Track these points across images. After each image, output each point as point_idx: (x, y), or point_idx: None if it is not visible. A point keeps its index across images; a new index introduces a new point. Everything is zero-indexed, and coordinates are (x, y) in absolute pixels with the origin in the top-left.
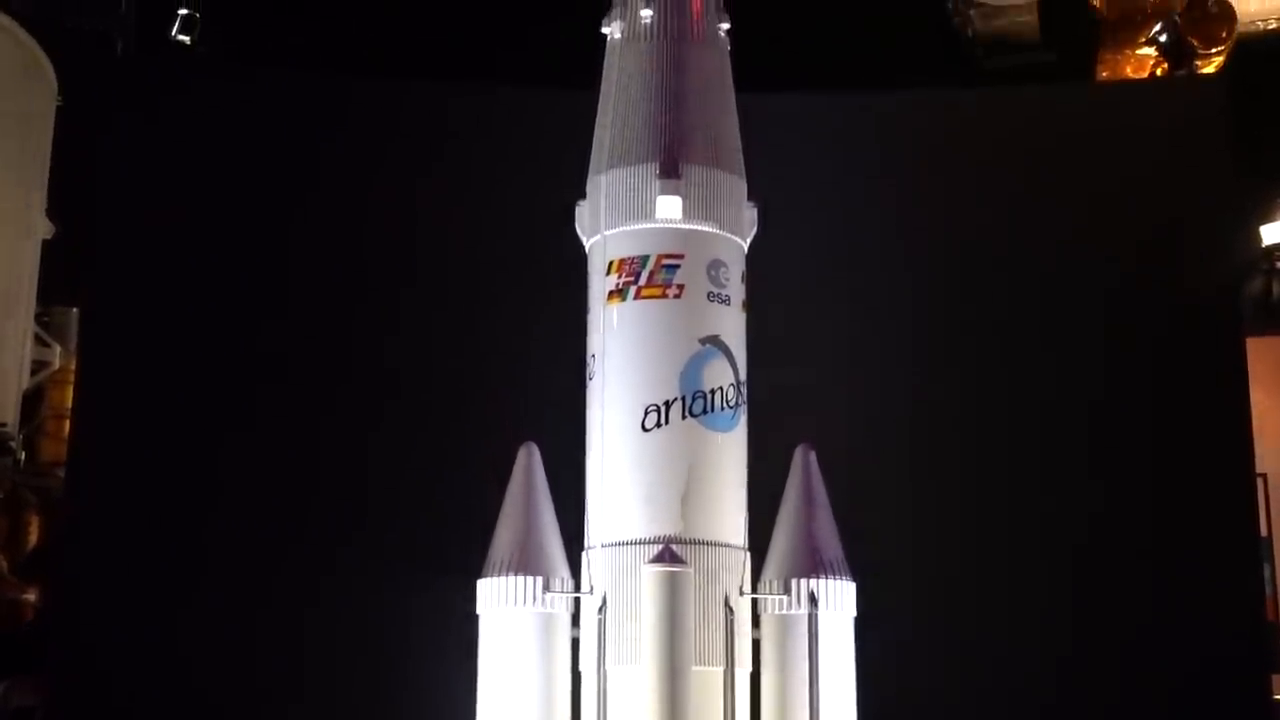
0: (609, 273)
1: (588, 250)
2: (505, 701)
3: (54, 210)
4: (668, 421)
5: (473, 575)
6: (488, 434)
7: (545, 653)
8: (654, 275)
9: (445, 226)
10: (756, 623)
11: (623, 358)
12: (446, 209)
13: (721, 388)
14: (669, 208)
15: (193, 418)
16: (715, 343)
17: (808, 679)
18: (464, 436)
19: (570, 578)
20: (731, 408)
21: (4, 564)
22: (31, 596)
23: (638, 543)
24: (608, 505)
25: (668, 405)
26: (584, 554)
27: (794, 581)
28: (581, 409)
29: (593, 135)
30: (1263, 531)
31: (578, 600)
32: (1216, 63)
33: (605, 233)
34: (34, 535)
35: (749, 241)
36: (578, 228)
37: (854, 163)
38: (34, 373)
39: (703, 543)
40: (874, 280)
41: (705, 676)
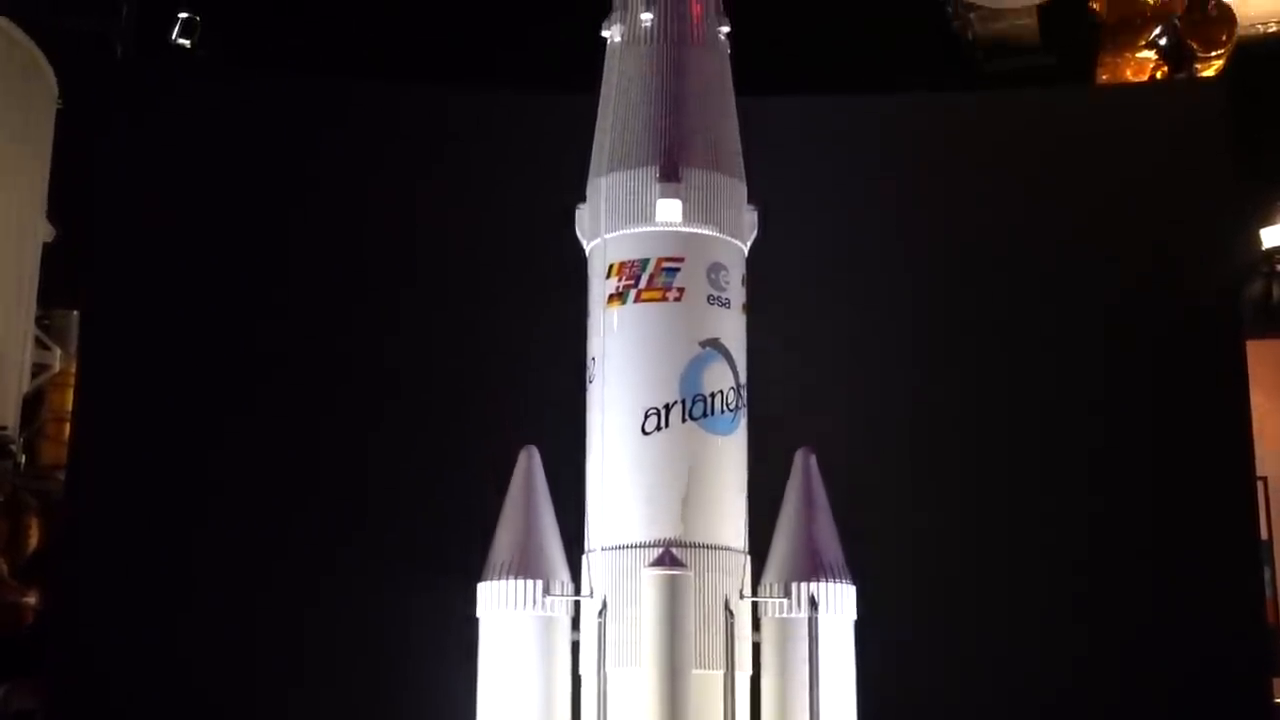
0: (609, 276)
1: (588, 253)
2: (505, 704)
3: (54, 213)
4: (668, 425)
5: (473, 578)
6: (488, 437)
7: (545, 656)
8: (654, 278)
9: (445, 229)
10: (757, 626)
11: (623, 361)
12: (446, 212)
13: (722, 391)
14: (669, 211)
15: (193, 420)
16: (715, 346)
17: (808, 682)
18: (464, 439)
19: (570, 581)
20: (732, 411)
21: (4, 567)
22: (31, 599)
23: (638, 546)
24: (608, 508)
25: (668, 408)
26: (584, 557)
27: (794, 585)
28: (582, 412)
29: (593, 138)
30: (1263, 535)
31: (578, 603)
32: (1216, 66)
33: (605, 236)
34: (34, 538)
35: (749, 245)
36: (578, 231)
37: (854, 165)
38: (34, 376)
39: (703, 546)
40: (874, 283)
41: (705, 680)
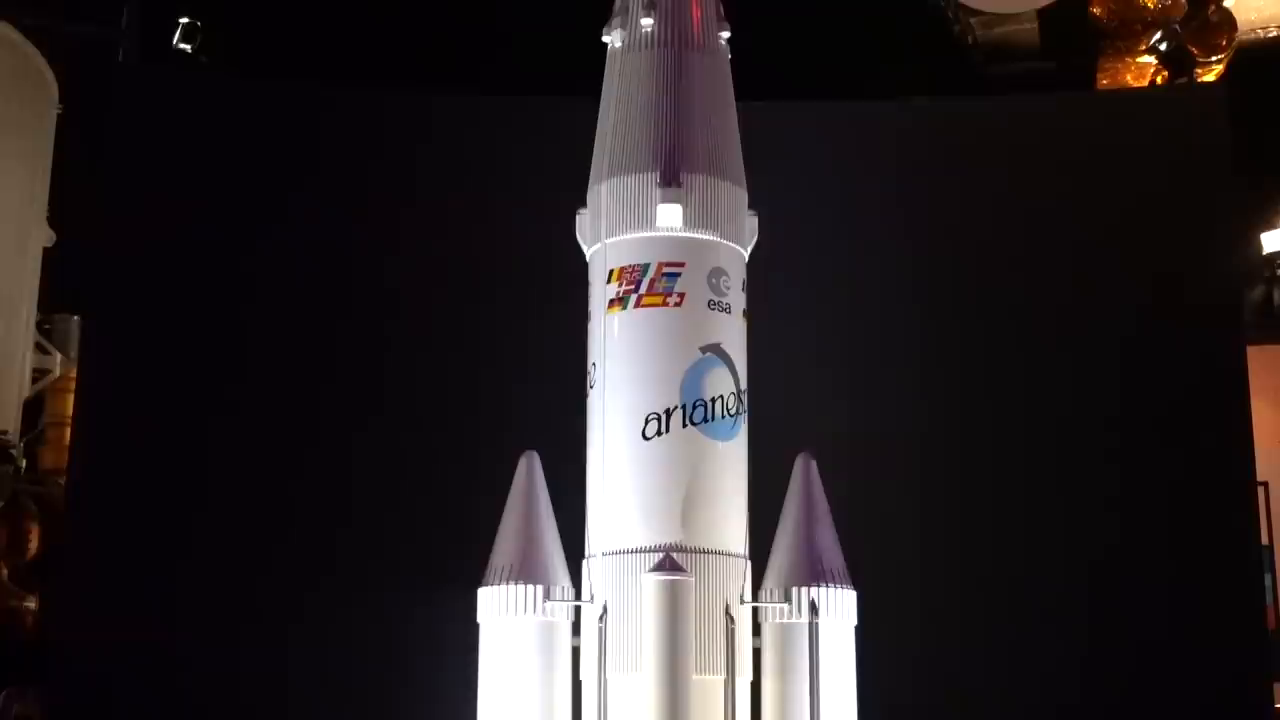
0: (609, 281)
1: (588, 258)
2: (506, 710)
3: (54, 217)
4: (668, 430)
5: (473, 584)
6: (488, 442)
7: (546, 661)
8: (654, 283)
9: (446, 234)
10: (757, 631)
11: (623, 366)
12: (447, 216)
13: (722, 396)
14: (670, 216)
15: (193, 426)
16: (716, 351)
17: (809, 687)
18: (465, 444)
19: (571, 586)
20: (732, 416)
21: (4, 572)
22: (31, 604)
23: (638, 551)
24: (608, 514)
25: (668, 414)
26: (584, 562)
27: (795, 590)
28: (582, 417)
29: (594, 143)
30: (1264, 540)
31: (578, 609)
32: (1216, 71)
33: (606, 241)
34: (34, 543)
35: (750, 250)
36: (578, 236)
37: (854, 170)
38: (35, 380)
39: (703, 551)
40: (876, 288)
41: (706, 685)
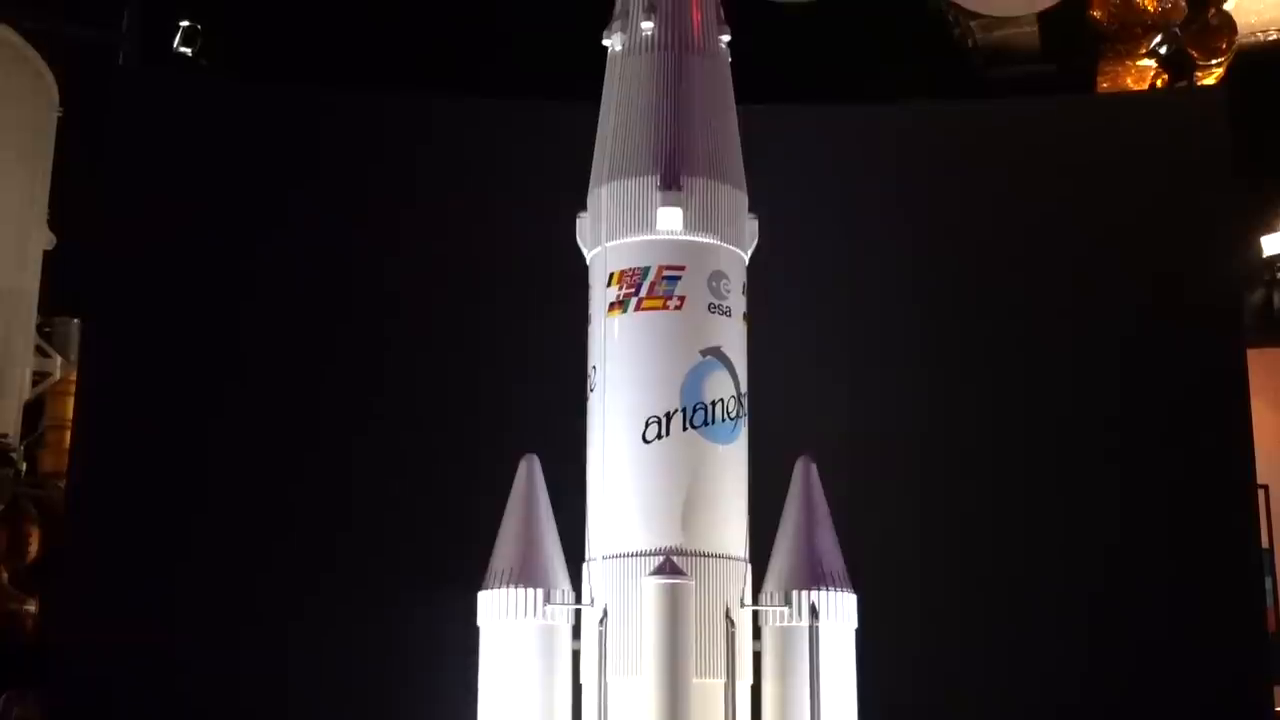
0: (610, 284)
1: (588, 261)
2: (506, 713)
3: (54, 220)
4: (668, 433)
5: (472, 585)
6: (488, 445)
7: (546, 664)
8: (655, 287)
9: (447, 237)
10: (758, 634)
11: (623, 369)
12: (448, 220)
13: (722, 399)
14: (670, 219)
15: (193, 429)
16: (716, 354)
17: (809, 691)
18: (465, 447)
19: (571, 590)
20: (732, 419)
21: (4, 575)
22: (31, 608)
23: (639, 554)
24: (608, 517)
25: (668, 417)
26: (585, 566)
27: (795, 593)
28: (582, 420)
29: (594, 146)
30: (1264, 543)
31: (578, 612)
32: (1217, 74)
33: (606, 244)
34: (34, 546)
35: (750, 253)
36: (579, 239)
37: (854, 173)
38: (35, 383)
39: (704, 554)
40: (875, 291)
41: (706, 688)
